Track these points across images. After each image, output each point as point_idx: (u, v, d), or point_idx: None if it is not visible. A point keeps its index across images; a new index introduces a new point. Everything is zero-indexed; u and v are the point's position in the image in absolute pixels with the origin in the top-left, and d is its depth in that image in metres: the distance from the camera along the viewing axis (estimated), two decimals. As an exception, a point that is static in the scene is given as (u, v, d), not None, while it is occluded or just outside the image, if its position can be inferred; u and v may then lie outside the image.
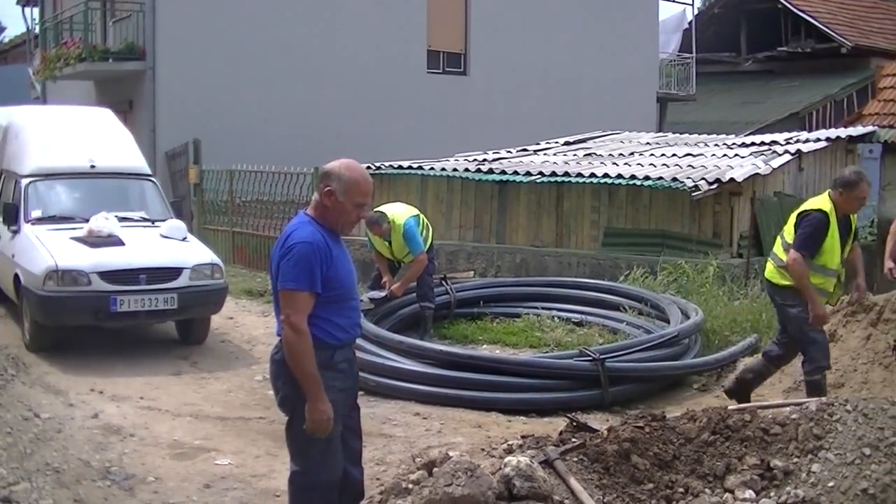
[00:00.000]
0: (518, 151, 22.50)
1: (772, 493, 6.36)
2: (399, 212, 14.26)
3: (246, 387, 12.01)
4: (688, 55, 36.42)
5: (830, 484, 6.39)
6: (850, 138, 21.52)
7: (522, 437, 7.62)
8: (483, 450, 8.67)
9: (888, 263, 9.77)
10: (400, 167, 20.12)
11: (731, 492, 6.41)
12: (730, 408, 7.45)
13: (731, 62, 39.11)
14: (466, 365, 11.27)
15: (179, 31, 25.50)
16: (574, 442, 6.92)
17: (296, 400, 6.28)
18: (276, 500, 8.11)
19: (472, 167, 19.37)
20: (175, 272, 13.49)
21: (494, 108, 28.69)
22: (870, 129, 21.91)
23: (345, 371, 6.43)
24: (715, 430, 6.87)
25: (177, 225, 14.57)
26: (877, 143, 22.20)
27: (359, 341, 11.05)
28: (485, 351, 13.28)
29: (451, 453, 6.58)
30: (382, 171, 20.12)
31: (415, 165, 19.97)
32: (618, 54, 31.74)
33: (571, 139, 24.14)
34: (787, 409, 7.44)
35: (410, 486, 6.56)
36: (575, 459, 6.69)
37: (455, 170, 19.39)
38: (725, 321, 13.20)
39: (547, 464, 6.53)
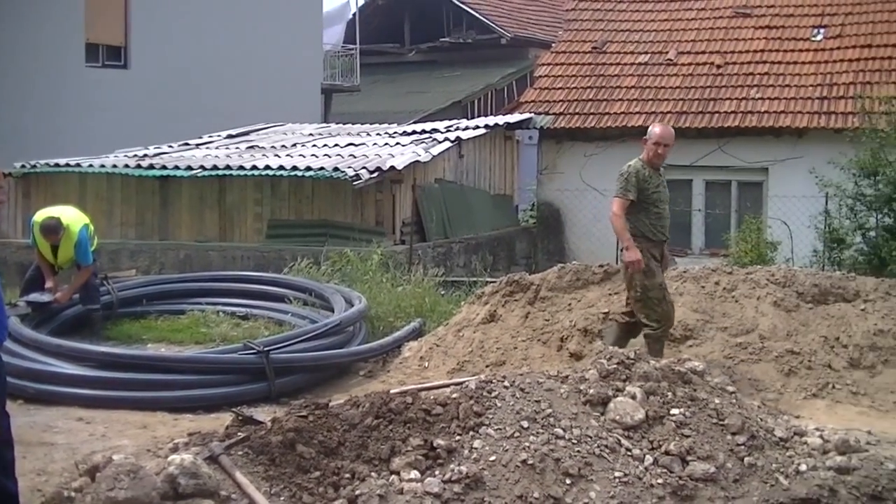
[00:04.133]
0: (180, 146, 22.14)
1: (437, 472, 6.49)
2: (74, 219, 13.67)
3: None
4: (352, 46, 36.65)
5: (492, 458, 6.59)
6: (509, 125, 22.24)
7: (189, 434, 7.50)
8: (149, 450, 8.44)
9: (635, 254, 9.62)
10: (57, 165, 19.41)
11: (397, 473, 6.51)
12: (392, 391, 7.56)
13: (395, 53, 39.60)
14: (130, 365, 10.95)
15: None
16: (239, 436, 6.86)
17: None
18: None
19: (133, 163, 18.92)
20: None
21: (157, 103, 27.93)
22: (527, 116, 22.70)
23: (-9, 377, 6.10)
24: (378, 415, 6.96)
25: None
26: (534, 130, 23.00)
27: (16, 347, 10.67)
28: (149, 350, 12.98)
29: (114, 457, 6.40)
30: (38, 170, 19.38)
31: (73, 163, 19.33)
32: (282, 46, 31.53)
33: (234, 132, 23.98)
34: (449, 388, 7.61)
35: (73, 493, 6.35)
36: (241, 453, 6.64)
37: (115, 166, 18.89)
38: (390, 307, 13.36)
39: (212, 459, 6.46)
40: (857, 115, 18.93)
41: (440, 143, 18.83)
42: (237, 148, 21.02)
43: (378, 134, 21.49)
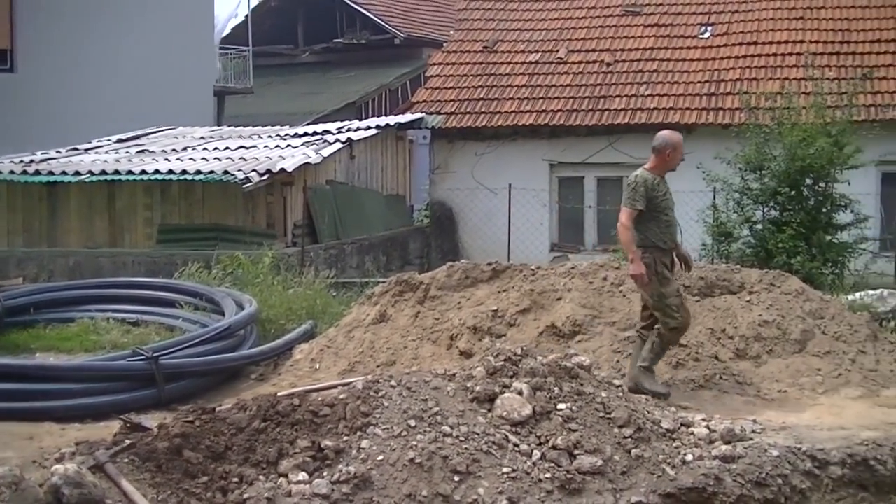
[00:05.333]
0: (68, 151, 21.77)
1: (325, 473, 6.51)
2: None
3: None
4: (245, 48, 36.38)
5: (380, 457, 6.62)
6: (400, 125, 22.25)
7: (76, 444, 7.38)
8: (35, 462, 8.26)
9: (639, 267, 9.32)
10: (-61, 172, 19.05)
11: (286, 475, 6.51)
12: (279, 394, 7.54)
13: (289, 54, 39.46)
14: (15, 375, 10.75)
15: None
16: (125, 443, 6.79)
17: None
18: None
19: (19, 169, 18.61)
20: None
21: (45, 107, 27.34)
22: (418, 115, 22.69)
23: None
24: (266, 417, 6.94)
25: None
26: (426, 129, 23.02)
27: None
28: (37, 359, 12.75)
29: (-3, 469, 6.29)
30: (-80, 178, 19.01)
31: (-43, 170, 18.98)
32: (174, 48, 31.11)
33: (124, 136, 23.64)
34: (336, 390, 7.61)
35: (-47, 508, 6.24)
36: (126, 461, 6.57)
37: (0, 172, 18.55)
38: (281, 310, 13.27)
39: (98, 468, 6.40)
40: (743, 110, 19.22)
41: (331, 144, 18.82)
42: (127, 152, 20.75)
43: (269, 136, 21.39)
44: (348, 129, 20.85)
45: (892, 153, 18.82)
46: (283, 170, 16.35)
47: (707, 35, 23.69)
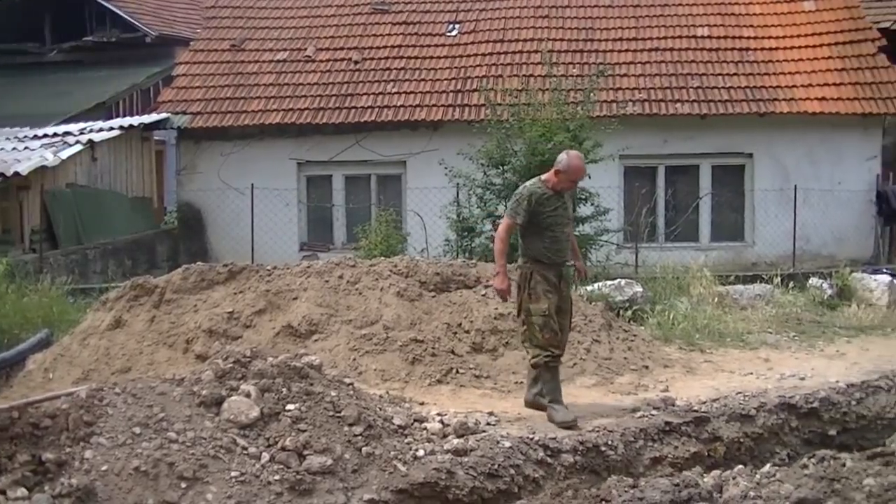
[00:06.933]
0: None
1: (46, 487, 6.34)
2: None
3: None
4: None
5: (104, 468, 6.48)
6: (146, 126, 21.81)
7: None
8: None
9: (500, 282, 9.17)
10: None
11: (3, 493, 6.29)
12: (-2, 407, 7.31)
13: (34, 53, 38.06)
14: None
15: None
16: None
17: None
18: None
19: None
20: None
21: None
22: (163, 115, 22.25)
23: None
24: (-18, 433, 6.71)
25: None
26: (171, 130, 22.62)
27: None
28: None
29: None
30: None
31: None
32: None
33: None
34: (60, 400, 7.42)
35: None
36: None
37: None
38: (16, 319, 12.89)
39: None
40: (486, 107, 19.49)
41: (71, 146, 18.30)
42: None
43: (6, 138, 20.64)
44: (90, 131, 20.31)
45: (632, 148, 19.34)
46: (17, 173, 15.83)
47: (455, 33, 23.93)
